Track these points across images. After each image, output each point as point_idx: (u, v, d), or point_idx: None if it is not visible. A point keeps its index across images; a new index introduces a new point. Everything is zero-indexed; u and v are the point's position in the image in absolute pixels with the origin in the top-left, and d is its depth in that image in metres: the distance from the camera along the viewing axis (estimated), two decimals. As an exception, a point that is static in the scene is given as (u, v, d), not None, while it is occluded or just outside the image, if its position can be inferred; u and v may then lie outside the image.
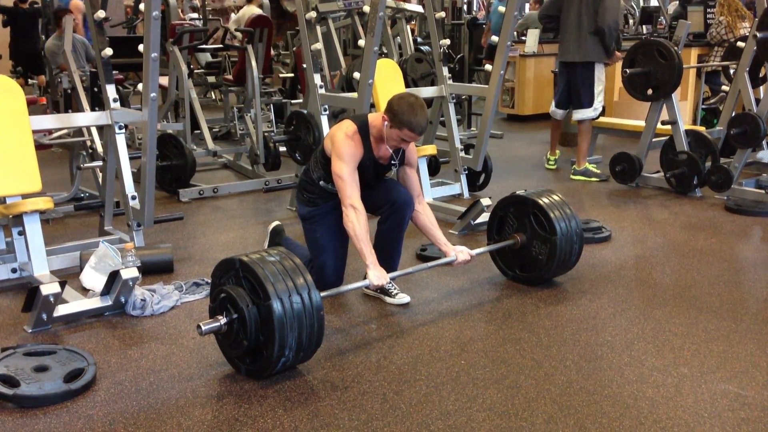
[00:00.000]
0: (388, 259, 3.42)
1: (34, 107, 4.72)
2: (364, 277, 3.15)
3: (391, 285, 3.47)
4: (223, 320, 2.68)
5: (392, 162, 3.38)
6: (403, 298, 3.48)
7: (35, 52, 10.15)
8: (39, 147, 4.26)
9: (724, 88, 6.56)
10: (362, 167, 3.27)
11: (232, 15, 14.20)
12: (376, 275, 3.12)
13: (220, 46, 7.60)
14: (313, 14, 4.90)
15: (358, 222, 3.13)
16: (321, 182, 3.38)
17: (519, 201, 3.66)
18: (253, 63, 6.32)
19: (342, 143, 3.19)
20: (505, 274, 3.79)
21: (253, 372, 2.73)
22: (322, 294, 2.77)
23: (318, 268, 3.44)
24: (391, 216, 3.41)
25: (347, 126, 3.25)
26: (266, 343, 2.63)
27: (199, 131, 6.58)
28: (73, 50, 6.73)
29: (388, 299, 3.48)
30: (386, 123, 3.19)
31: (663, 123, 5.55)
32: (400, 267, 3.55)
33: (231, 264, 2.73)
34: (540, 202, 3.57)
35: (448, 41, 5.47)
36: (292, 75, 8.63)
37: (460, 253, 3.41)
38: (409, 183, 3.47)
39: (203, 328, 2.67)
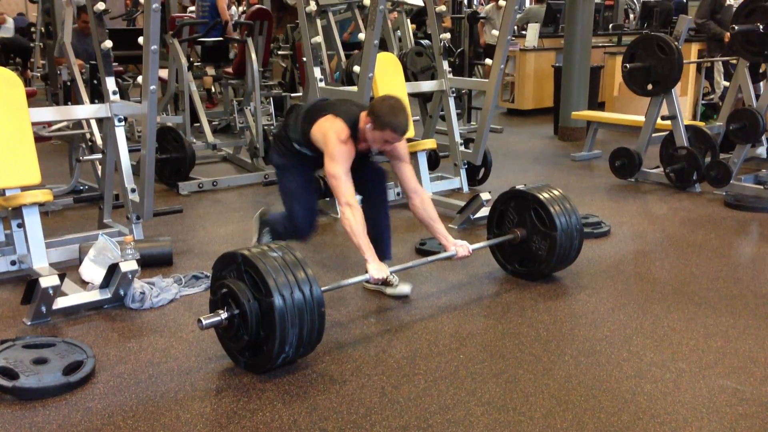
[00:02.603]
0: (380, 242, 3.42)
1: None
2: (366, 272, 3.15)
3: (391, 275, 3.47)
4: (224, 315, 2.67)
5: (372, 151, 3.38)
6: (405, 287, 3.48)
7: (26, 46, 10.15)
8: (38, 139, 4.25)
9: (724, 83, 6.55)
10: None
11: (233, 8, 14.17)
12: (376, 268, 3.12)
13: (220, 38, 7.58)
14: (313, 7, 4.89)
15: (354, 219, 3.12)
16: (295, 145, 3.40)
17: (519, 195, 3.66)
18: (253, 56, 6.31)
19: (336, 147, 3.17)
20: (505, 269, 3.79)
21: (253, 366, 2.74)
22: (323, 288, 2.77)
23: (290, 217, 3.50)
24: (368, 191, 3.48)
25: (341, 130, 3.20)
26: (267, 339, 2.63)
27: (198, 124, 6.57)
28: (82, 43, 6.73)
29: (389, 290, 3.48)
30: (368, 125, 3.19)
31: (663, 118, 5.55)
32: (400, 261, 3.54)
33: (233, 258, 2.72)
34: (540, 197, 3.57)
35: (448, 35, 5.46)
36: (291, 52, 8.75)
37: (460, 247, 3.41)
38: (405, 177, 3.44)
39: (204, 322, 2.66)
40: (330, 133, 3.21)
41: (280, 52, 9.52)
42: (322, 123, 3.27)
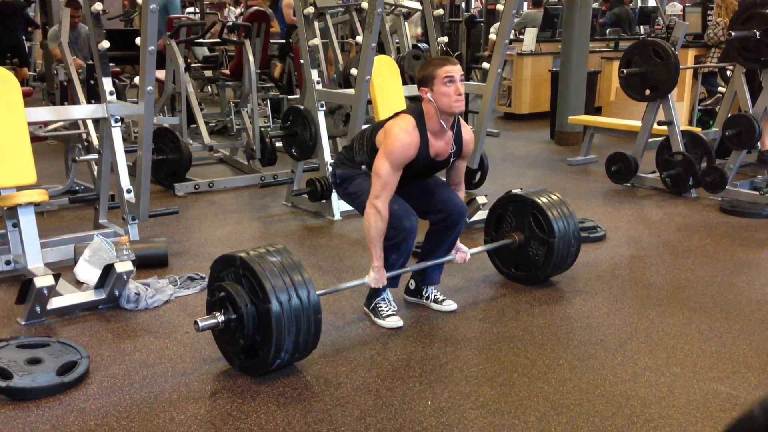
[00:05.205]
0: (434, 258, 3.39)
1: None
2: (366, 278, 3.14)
3: (436, 292, 3.45)
4: (220, 317, 2.66)
5: (451, 158, 3.23)
6: (451, 305, 3.41)
7: (17, 45, 10.10)
8: (34, 139, 4.25)
9: (721, 89, 6.57)
10: (415, 163, 3.10)
11: (231, 8, 14.18)
12: (375, 279, 3.11)
13: (218, 40, 7.59)
14: (311, 10, 4.89)
15: (376, 224, 3.02)
16: (363, 167, 3.23)
17: (518, 200, 3.66)
18: (251, 58, 6.31)
19: (397, 139, 3.00)
20: (501, 272, 3.79)
21: (248, 369, 2.73)
22: (319, 292, 2.76)
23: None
24: (446, 226, 3.32)
25: (405, 121, 3.06)
26: (263, 344, 2.62)
27: (195, 125, 6.57)
28: (75, 41, 6.74)
29: (434, 306, 3.42)
30: (427, 92, 3.03)
31: (659, 123, 5.56)
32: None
33: (231, 260, 2.71)
34: (539, 201, 3.56)
35: (445, 38, 5.47)
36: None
37: (459, 253, 3.40)
38: (456, 172, 3.36)
39: (200, 324, 2.65)
40: (393, 127, 3.06)
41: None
42: (386, 124, 3.13)
